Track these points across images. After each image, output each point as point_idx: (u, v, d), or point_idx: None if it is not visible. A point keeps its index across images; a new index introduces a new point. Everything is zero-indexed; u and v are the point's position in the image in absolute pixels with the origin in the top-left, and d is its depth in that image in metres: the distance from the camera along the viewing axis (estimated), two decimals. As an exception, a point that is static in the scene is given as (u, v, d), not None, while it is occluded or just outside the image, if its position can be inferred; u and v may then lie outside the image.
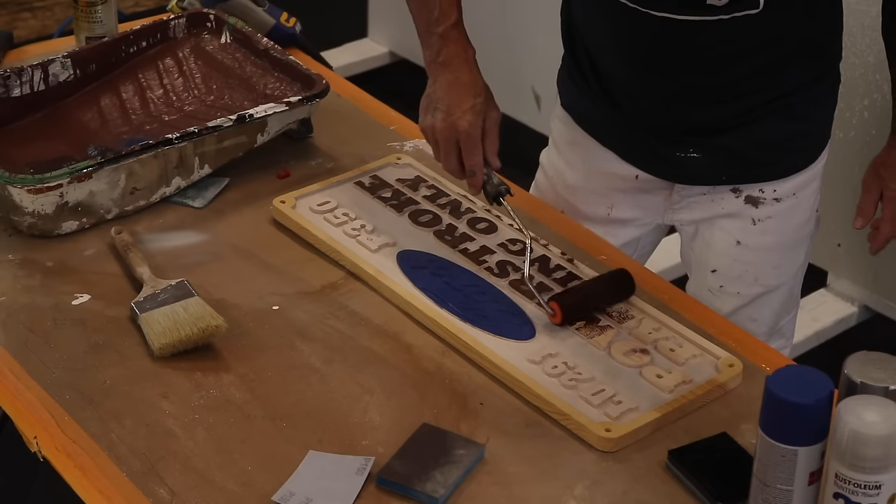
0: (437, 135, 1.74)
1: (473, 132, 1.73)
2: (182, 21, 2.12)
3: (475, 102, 1.73)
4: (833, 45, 1.86)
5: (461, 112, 1.72)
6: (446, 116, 1.73)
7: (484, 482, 1.47)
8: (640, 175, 1.92)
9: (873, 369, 1.34)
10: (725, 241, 1.91)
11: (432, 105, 1.75)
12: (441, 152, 1.76)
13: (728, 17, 1.71)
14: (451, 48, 1.75)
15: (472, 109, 1.73)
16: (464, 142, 1.73)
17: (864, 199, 1.86)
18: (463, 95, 1.73)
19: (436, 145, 1.76)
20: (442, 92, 1.74)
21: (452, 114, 1.72)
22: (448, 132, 1.73)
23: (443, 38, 1.75)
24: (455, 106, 1.73)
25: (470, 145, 1.73)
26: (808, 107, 1.85)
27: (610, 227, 1.97)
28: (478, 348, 1.63)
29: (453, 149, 1.74)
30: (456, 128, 1.72)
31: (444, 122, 1.73)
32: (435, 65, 1.76)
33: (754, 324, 1.95)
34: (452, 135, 1.73)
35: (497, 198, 1.75)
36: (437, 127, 1.73)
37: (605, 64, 1.87)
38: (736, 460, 1.49)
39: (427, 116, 1.75)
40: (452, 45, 1.75)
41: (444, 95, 1.74)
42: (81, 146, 1.94)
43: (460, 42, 1.76)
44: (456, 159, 1.75)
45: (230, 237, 1.85)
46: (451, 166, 1.76)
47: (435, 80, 1.75)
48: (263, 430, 1.53)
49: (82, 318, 1.68)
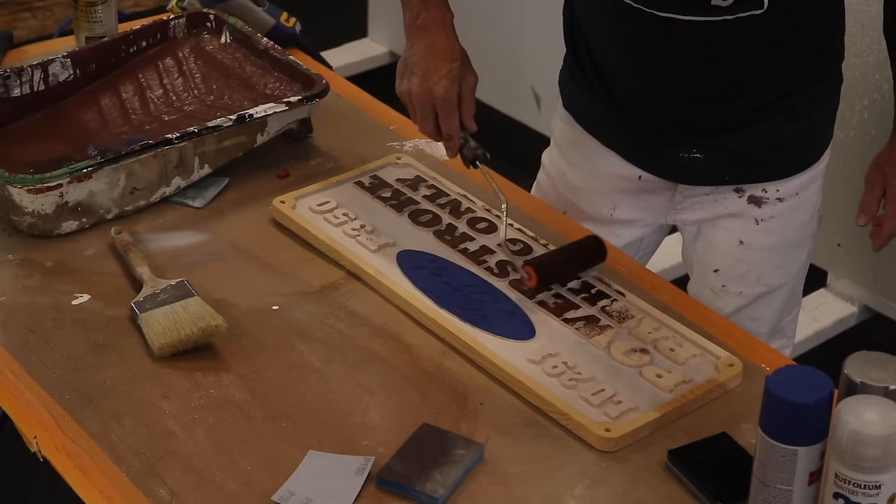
0: (414, 99, 1.75)
1: (449, 97, 1.74)
2: (182, 21, 2.12)
3: (451, 67, 1.74)
4: (835, 46, 1.86)
5: (437, 77, 1.73)
6: (422, 81, 1.74)
7: (484, 482, 1.47)
8: (643, 175, 1.92)
9: (873, 369, 1.34)
10: (728, 240, 1.92)
11: (409, 69, 1.76)
12: (418, 116, 1.77)
13: (732, 18, 1.71)
14: (430, 11, 1.76)
15: (448, 75, 1.74)
16: (440, 106, 1.74)
17: (866, 196, 1.86)
18: (439, 60, 1.74)
19: (412, 110, 1.77)
20: (419, 56, 1.75)
21: (429, 79, 1.74)
22: (424, 97, 1.74)
23: (422, 1, 1.76)
24: (431, 71, 1.74)
25: (446, 110, 1.74)
26: (811, 107, 1.85)
27: (613, 228, 1.97)
28: (478, 348, 1.63)
29: (430, 113, 1.76)
30: (432, 93, 1.74)
31: (421, 87, 1.74)
32: (413, 28, 1.77)
33: (756, 323, 1.95)
34: (428, 100, 1.74)
35: (474, 161, 1.78)
36: (414, 92, 1.75)
37: (607, 64, 1.87)
38: (736, 460, 1.49)
39: (403, 81, 1.76)
40: (432, 9, 1.76)
41: (420, 60, 1.75)
42: (81, 146, 1.94)
43: (439, 6, 1.77)
44: (433, 123, 1.76)
45: (230, 237, 1.85)
46: (428, 129, 1.77)
47: (412, 43, 1.77)
48: (263, 430, 1.53)
49: (82, 318, 1.68)
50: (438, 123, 1.76)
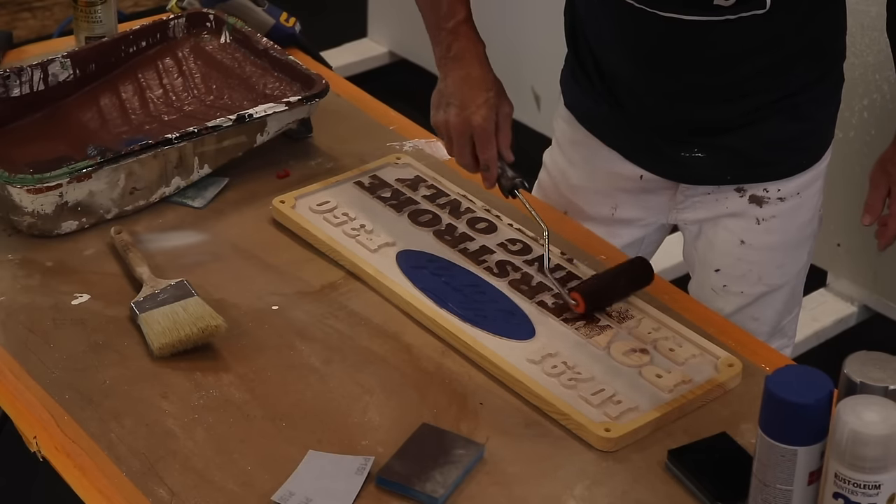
0: (451, 130, 1.74)
1: (487, 126, 1.73)
2: (182, 21, 2.12)
3: (488, 97, 1.74)
4: (837, 45, 1.86)
5: (475, 107, 1.73)
6: (460, 111, 1.73)
7: (484, 482, 1.47)
8: (644, 175, 1.92)
9: (873, 369, 1.34)
10: (729, 240, 1.91)
11: (444, 101, 1.75)
12: (455, 147, 1.76)
13: (735, 18, 1.71)
14: (461, 43, 1.76)
15: (485, 104, 1.73)
16: (478, 136, 1.73)
17: (871, 195, 1.85)
18: (475, 90, 1.74)
19: (449, 140, 1.76)
20: (454, 87, 1.74)
21: (466, 108, 1.73)
22: (462, 126, 1.74)
23: (452, 33, 1.76)
24: (468, 101, 1.73)
25: (484, 139, 1.74)
26: (813, 107, 1.85)
27: (614, 228, 1.97)
28: (477, 348, 1.63)
29: (467, 143, 1.75)
30: (470, 122, 1.73)
31: (458, 116, 1.73)
32: (445, 60, 1.76)
33: (757, 323, 1.95)
34: (466, 129, 1.73)
35: (512, 191, 1.76)
36: (451, 122, 1.74)
37: (609, 63, 1.87)
38: (736, 460, 1.49)
39: (440, 112, 1.76)
40: (463, 41, 1.76)
41: (456, 91, 1.74)
42: (81, 146, 1.94)
43: (470, 37, 1.76)
44: (470, 154, 1.75)
45: (230, 237, 1.85)
46: (466, 161, 1.76)
47: (446, 76, 1.76)
48: (263, 430, 1.53)
49: (82, 318, 1.68)
50: (475, 154, 1.75)
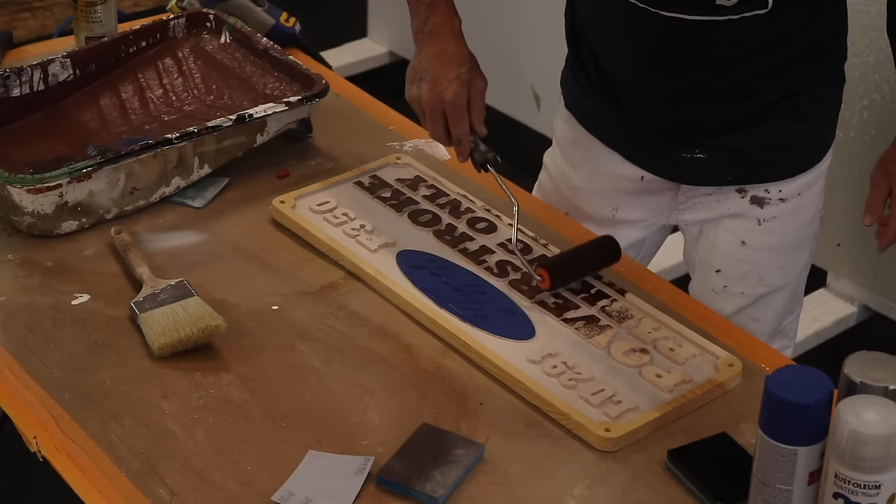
0: (424, 105, 1.76)
1: (459, 101, 1.75)
2: (182, 21, 2.12)
3: (460, 72, 1.75)
4: (838, 45, 1.86)
5: (447, 82, 1.75)
6: (432, 87, 1.75)
7: (484, 482, 1.47)
8: (645, 176, 1.91)
9: (873, 369, 1.34)
10: (730, 241, 1.91)
11: (418, 75, 1.77)
12: (428, 121, 1.78)
13: (737, 18, 1.71)
14: (437, 17, 1.77)
15: (457, 79, 1.75)
16: (449, 111, 1.75)
17: (872, 195, 1.85)
18: (448, 65, 1.75)
19: (422, 115, 1.78)
20: (427, 62, 1.76)
21: (438, 84, 1.75)
22: (434, 102, 1.75)
23: (430, 7, 1.78)
24: (440, 76, 1.75)
25: (456, 114, 1.75)
26: (814, 107, 1.85)
27: (615, 229, 1.96)
28: (477, 348, 1.63)
29: (440, 118, 1.76)
30: (441, 98, 1.75)
31: (430, 91, 1.75)
32: (421, 34, 1.78)
33: (758, 324, 1.95)
34: (438, 104, 1.75)
35: (484, 164, 1.78)
36: (423, 97, 1.76)
37: (610, 64, 1.87)
38: (736, 460, 1.49)
39: (413, 87, 1.78)
40: (439, 15, 1.78)
41: (429, 66, 1.76)
42: (81, 146, 1.94)
43: (447, 12, 1.78)
44: (443, 128, 1.77)
45: (230, 237, 1.85)
46: (438, 135, 1.78)
47: (421, 49, 1.78)
48: (263, 430, 1.53)
49: (82, 318, 1.68)
50: (448, 128, 1.77)
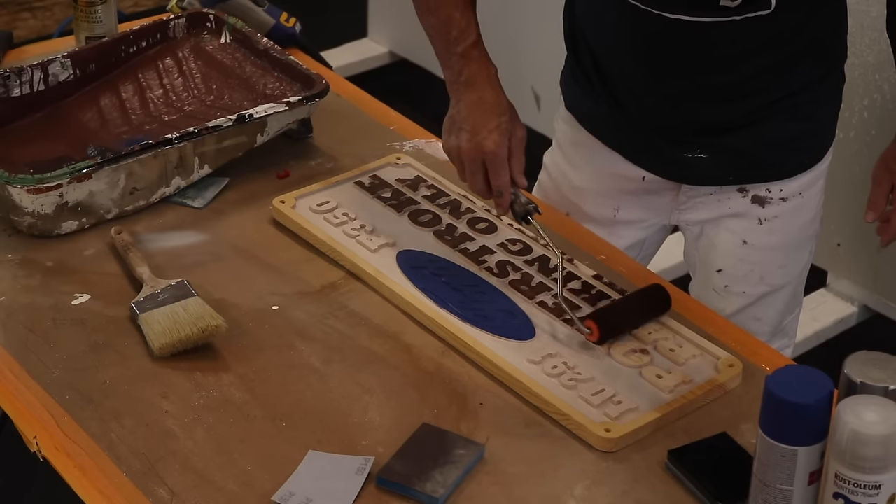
0: (463, 155, 1.72)
1: (500, 152, 1.71)
2: (182, 21, 2.12)
3: (500, 121, 1.71)
4: (838, 45, 1.87)
5: (487, 132, 1.71)
6: (472, 136, 1.71)
7: (484, 482, 1.47)
8: (646, 176, 1.91)
9: (873, 369, 1.34)
10: (731, 240, 1.91)
11: (456, 126, 1.73)
12: (467, 173, 1.74)
13: (740, 18, 1.71)
14: (472, 67, 1.73)
15: (497, 129, 1.71)
16: (490, 162, 1.71)
17: (874, 192, 1.85)
18: (488, 115, 1.71)
19: (461, 166, 1.74)
20: (466, 112, 1.72)
21: (478, 133, 1.70)
22: (474, 152, 1.71)
23: (463, 57, 1.74)
24: (480, 126, 1.71)
25: (496, 165, 1.71)
26: (814, 106, 1.85)
27: (616, 229, 1.96)
28: (478, 348, 1.63)
29: (479, 169, 1.72)
30: (482, 148, 1.71)
31: (470, 142, 1.71)
32: (457, 85, 1.74)
33: (758, 323, 1.95)
34: (478, 155, 1.71)
35: (525, 217, 1.73)
36: (463, 147, 1.72)
37: (610, 64, 1.87)
38: (736, 460, 1.49)
39: (451, 137, 1.73)
40: (474, 64, 1.74)
41: (468, 115, 1.72)
42: (81, 146, 1.94)
43: (482, 61, 1.74)
44: (482, 180, 1.73)
45: (230, 237, 1.85)
46: (478, 187, 1.74)
47: (458, 100, 1.74)
48: (263, 430, 1.53)
49: (82, 318, 1.68)
50: (488, 179, 1.73)
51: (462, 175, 1.75)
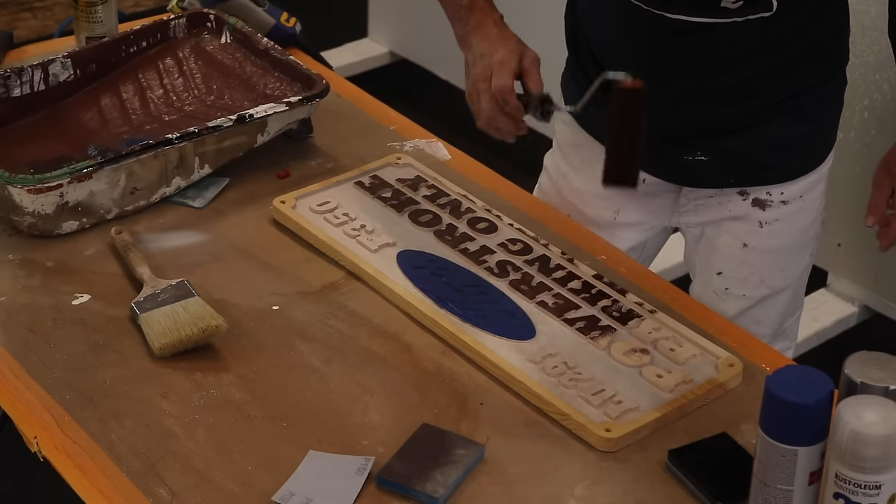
0: (478, 81, 1.73)
1: (506, 61, 1.71)
2: (182, 21, 2.12)
3: (508, 43, 1.73)
4: (840, 47, 1.86)
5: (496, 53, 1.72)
6: (480, 61, 1.73)
7: (484, 482, 1.47)
8: (647, 178, 1.91)
9: (873, 369, 1.34)
10: (732, 243, 1.91)
11: (469, 66, 1.75)
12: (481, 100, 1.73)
13: (741, 20, 1.71)
14: (478, 15, 1.77)
15: (504, 46, 1.73)
16: (495, 69, 1.72)
17: (874, 196, 1.84)
18: (496, 41, 1.74)
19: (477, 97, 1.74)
20: (476, 47, 1.74)
21: (487, 56, 1.73)
22: (485, 71, 1.73)
23: (469, 8, 1.77)
24: (490, 50, 1.73)
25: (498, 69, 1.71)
26: (816, 108, 1.85)
27: (616, 231, 1.96)
28: (478, 348, 1.63)
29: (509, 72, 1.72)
30: (490, 64, 1.72)
31: (481, 64, 1.73)
32: (465, 33, 1.77)
33: (759, 326, 1.95)
34: (487, 71, 1.73)
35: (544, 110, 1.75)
36: (477, 73, 1.73)
37: (611, 66, 1.86)
38: (736, 460, 1.49)
39: (468, 80, 1.75)
40: (479, 13, 1.77)
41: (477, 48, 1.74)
42: (81, 146, 1.95)
43: (486, 9, 1.78)
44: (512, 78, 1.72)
45: (230, 237, 1.85)
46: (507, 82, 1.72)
47: (469, 46, 1.76)
48: (263, 430, 1.53)
49: (82, 318, 1.68)
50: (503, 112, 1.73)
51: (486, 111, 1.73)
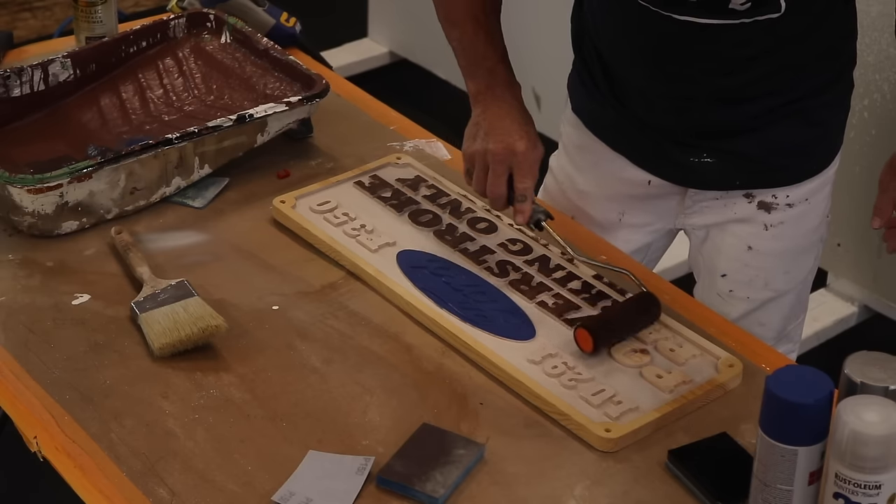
0: (491, 157, 1.73)
1: (530, 154, 1.73)
2: (182, 21, 2.12)
3: (529, 129, 1.75)
4: (847, 50, 1.86)
5: (518, 136, 1.73)
6: (503, 138, 1.73)
7: (484, 482, 1.47)
8: (652, 180, 1.91)
9: (873, 369, 1.34)
10: (736, 245, 1.91)
11: (483, 130, 1.75)
12: (491, 175, 1.74)
13: (749, 21, 1.71)
14: (499, 81, 1.77)
15: (527, 134, 1.74)
16: (519, 163, 1.73)
17: (880, 198, 1.83)
18: (517, 123, 1.75)
19: (484, 170, 1.75)
20: (494, 119, 1.75)
21: (510, 136, 1.73)
22: (504, 154, 1.73)
23: (491, 72, 1.78)
24: (511, 130, 1.74)
25: (525, 167, 1.73)
26: (822, 112, 1.84)
27: (621, 233, 1.96)
28: (478, 348, 1.63)
29: (505, 172, 1.74)
30: (513, 149, 1.73)
31: (501, 143, 1.73)
32: (484, 95, 1.77)
33: (763, 328, 1.94)
34: (508, 156, 1.73)
35: (538, 222, 1.76)
36: (492, 149, 1.73)
37: (618, 67, 1.87)
38: (736, 460, 1.49)
39: (477, 141, 1.75)
40: (500, 80, 1.78)
41: (497, 122, 1.74)
42: (81, 146, 1.94)
43: (508, 78, 1.78)
44: (505, 183, 1.74)
45: (230, 237, 1.85)
46: (500, 190, 1.75)
47: (485, 109, 1.76)
48: (263, 430, 1.53)
49: (82, 318, 1.68)
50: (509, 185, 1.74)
51: (481, 180, 1.76)
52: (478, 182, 1.77)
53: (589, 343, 1.63)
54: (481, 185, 1.77)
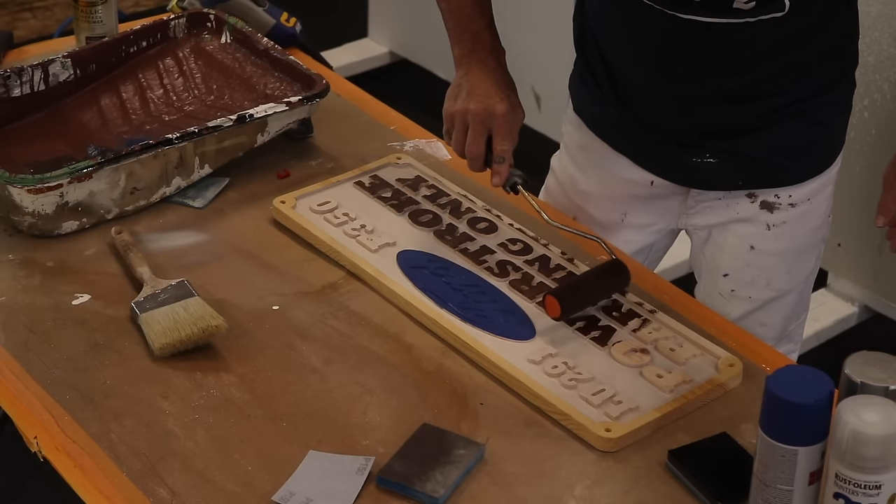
0: (471, 117, 1.74)
1: (510, 117, 1.74)
2: (182, 21, 2.12)
3: (511, 93, 1.76)
4: (850, 50, 1.86)
5: (498, 98, 1.74)
6: (483, 99, 1.74)
7: (484, 482, 1.47)
8: (655, 181, 1.91)
9: (873, 369, 1.34)
10: (739, 245, 1.91)
11: (464, 90, 1.76)
12: (470, 134, 1.75)
13: (753, 20, 1.70)
14: (484, 45, 1.78)
15: (508, 98, 1.75)
16: (499, 125, 1.74)
17: (884, 197, 1.83)
18: (499, 85, 1.76)
19: (463, 129, 1.76)
20: (476, 80, 1.76)
21: (490, 98, 1.74)
22: (484, 114, 1.74)
23: (476, 35, 1.79)
24: (492, 92, 1.75)
25: (504, 129, 1.74)
26: (825, 112, 1.84)
27: (623, 233, 1.96)
28: (478, 348, 1.63)
29: (484, 132, 1.75)
30: (493, 111, 1.74)
31: (481, 104, 1.74)
32: (468, 58, 1.78)
33: (764, 328, 1.94)
34: (488, 117, 1.74)
35: (514, 186, 1.76)
36: (472, 109, 1.74)
37: (621, 66, 1.86)
38: (736, 460, 1.49)
39: (458, 101, 1.76)
40: (485, 43, 1.78)
41: (478, 83, 1.75)
42: (81, 146, 1.95)
43: (493, 43, 1.79)
44: (483, 143, 1.75)
45: (230, 237, 1.85)
46: (479, 150, 1.76)
47: (468, 71, 1.77)
48: (263, 430, 1.53)
49: (82, 318, 1.68)
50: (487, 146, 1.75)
51: (460, 140, 1.77)
52: (457, 142, 1.78)
53: (556, 309, 1.65)
54: (460, 144, 1.77)
